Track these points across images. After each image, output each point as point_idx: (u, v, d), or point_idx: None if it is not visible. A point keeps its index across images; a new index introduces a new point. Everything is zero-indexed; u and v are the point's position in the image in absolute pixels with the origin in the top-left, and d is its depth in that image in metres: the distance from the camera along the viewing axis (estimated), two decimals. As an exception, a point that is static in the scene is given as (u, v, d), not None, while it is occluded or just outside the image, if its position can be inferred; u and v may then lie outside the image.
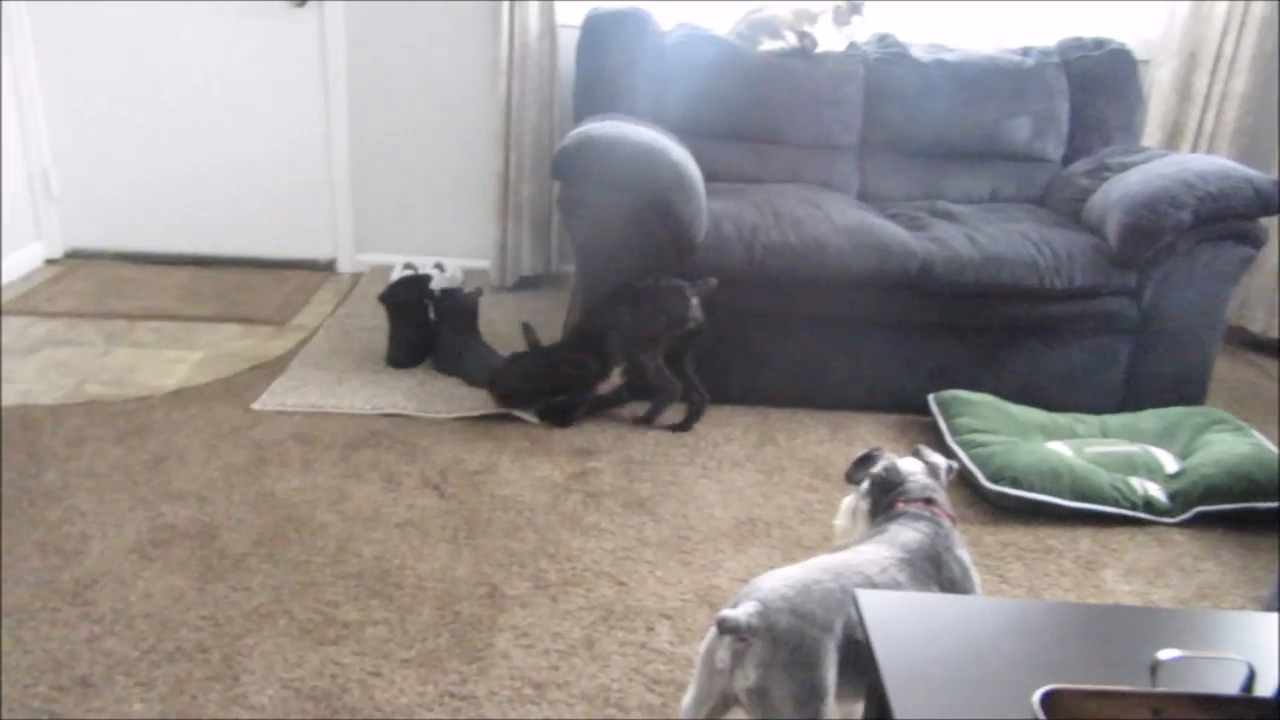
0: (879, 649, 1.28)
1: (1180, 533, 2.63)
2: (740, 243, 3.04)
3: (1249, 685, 1.14)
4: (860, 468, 1.92)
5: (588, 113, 3.49)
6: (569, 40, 3.78)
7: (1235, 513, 2.66)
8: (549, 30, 3.88)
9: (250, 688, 1.91)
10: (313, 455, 2.78)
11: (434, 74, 4.10)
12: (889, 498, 1.82)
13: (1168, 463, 2.82)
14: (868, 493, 1.87)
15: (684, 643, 2.11)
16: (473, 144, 4.17)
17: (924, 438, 3.08)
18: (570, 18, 3.88)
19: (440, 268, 3.73)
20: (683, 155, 3.05)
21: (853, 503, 1.91)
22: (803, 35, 3.67)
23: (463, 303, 3.36)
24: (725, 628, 1.46)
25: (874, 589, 1.52)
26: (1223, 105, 3.87)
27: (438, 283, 3.51)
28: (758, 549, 2.47)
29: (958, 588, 1.69)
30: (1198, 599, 2.37)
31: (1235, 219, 3.07)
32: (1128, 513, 2.66)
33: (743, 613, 1.46)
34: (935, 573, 1.69)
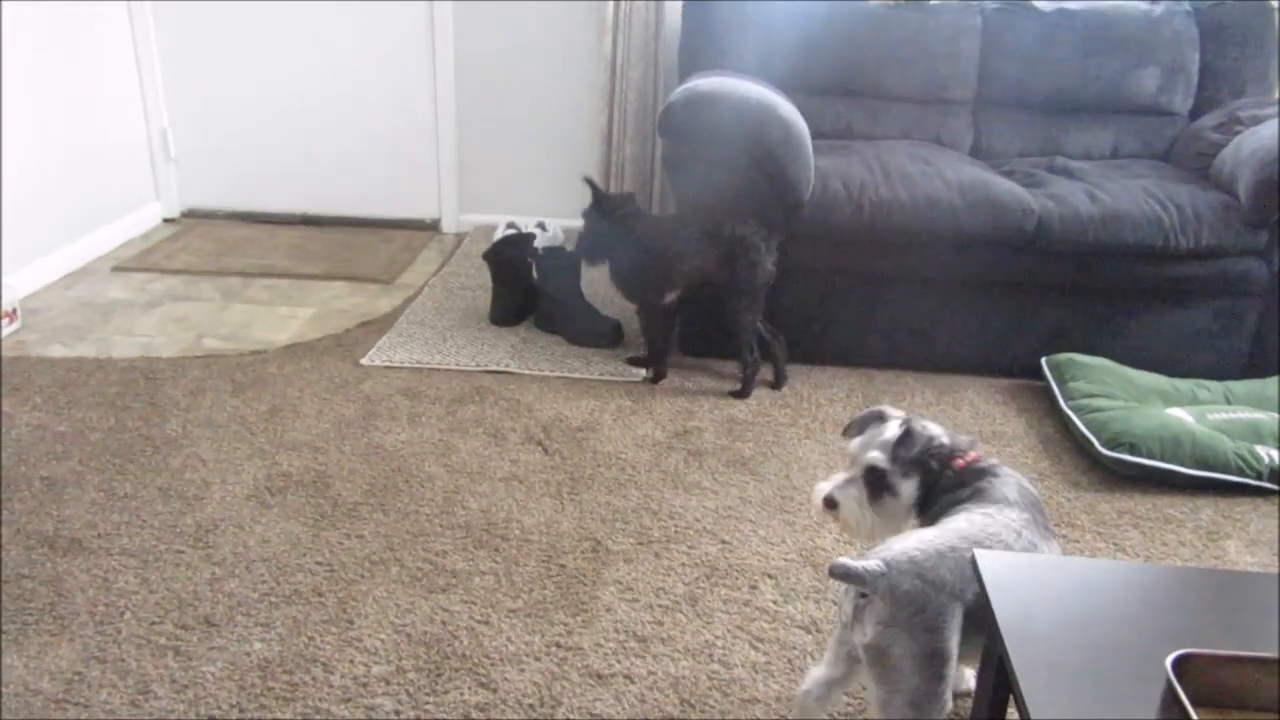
0: (999, 610, 1.25)
1: (1311, 504, 2.51)
2: (849, 200, 2.97)
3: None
4: (865, 426, 1.78)
5: (693, 69, 3.44)
6: (674, -4, 3.74)
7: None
8: (654, -14, 3.84)
9: (364, 631, 1.96)
10: (419, 409, 2.83)
11: (539, 33, 4.10)
12: (941, 456, 1.70)
13: (1298, 432, 2.68)
14: (865, 476, 1.74)
15: (788, 602, 2.09)
16: (577, 103, 4.17)
17: (1035, 402, 2.99)
18: (675, -27, 3.83)
19: (543, 227, 3.75)
20: (790, 111, 2.99)
21: (855, 492, 1.74)
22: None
23: (565, 261, 3.37)
24: (835, 571, 1.44)
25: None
26: (1367, 54, 3.63)
27: (540, 241, 3.53)
28: (863, 511, 2.43)
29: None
30: (1331, 574, 2.25)
31: (1379, 175, 2.89)
32: (1252, 482, 2.55)
33: (859, 563, 1.44)
34: (1046, 522, 1.64)
